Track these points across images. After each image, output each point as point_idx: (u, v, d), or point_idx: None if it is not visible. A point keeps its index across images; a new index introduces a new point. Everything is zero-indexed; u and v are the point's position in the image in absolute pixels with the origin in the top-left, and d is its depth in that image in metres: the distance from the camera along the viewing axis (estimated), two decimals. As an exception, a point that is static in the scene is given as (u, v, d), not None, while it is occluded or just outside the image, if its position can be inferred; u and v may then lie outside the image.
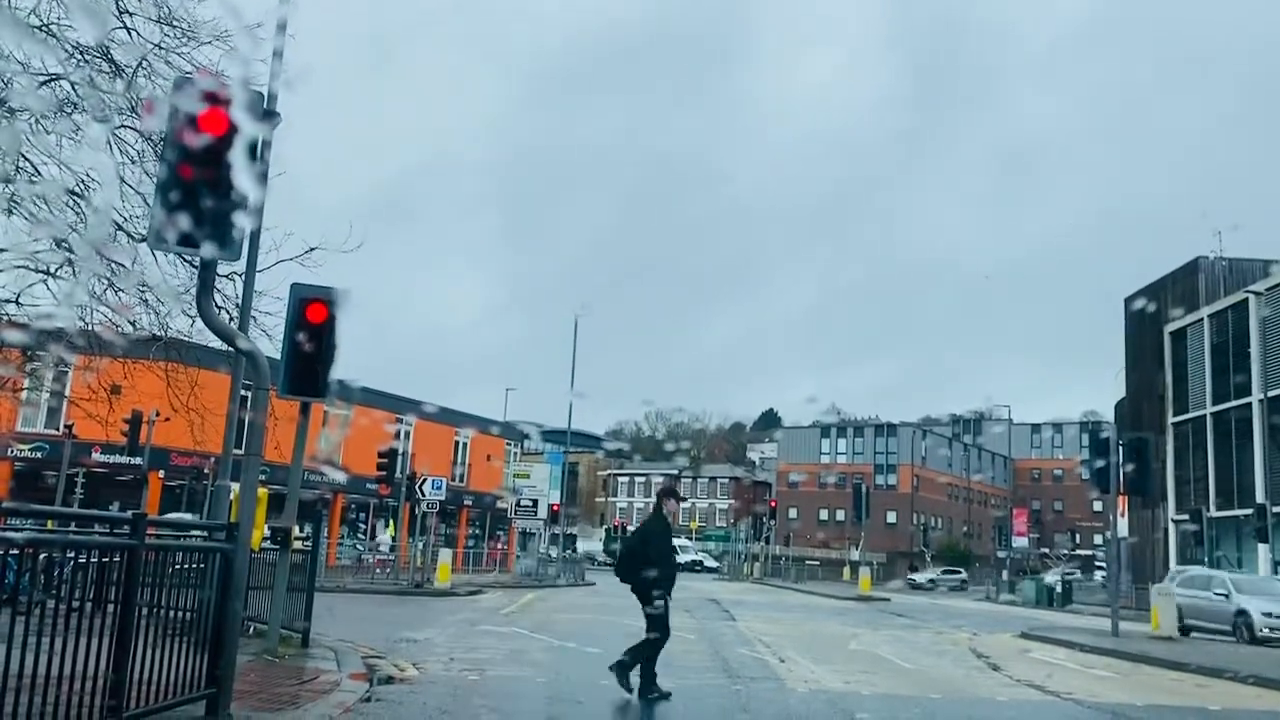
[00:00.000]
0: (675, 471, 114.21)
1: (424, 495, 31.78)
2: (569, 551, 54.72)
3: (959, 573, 68.38)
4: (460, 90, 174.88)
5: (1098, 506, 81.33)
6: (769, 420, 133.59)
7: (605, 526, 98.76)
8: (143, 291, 11.60)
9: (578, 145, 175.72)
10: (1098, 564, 59.52)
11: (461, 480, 49.68)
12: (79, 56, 10.57)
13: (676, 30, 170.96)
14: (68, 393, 18.49)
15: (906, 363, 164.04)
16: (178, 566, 7.07)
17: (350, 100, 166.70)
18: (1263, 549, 30.25)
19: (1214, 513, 35.77)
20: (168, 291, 11.48)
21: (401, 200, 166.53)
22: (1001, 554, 64.21)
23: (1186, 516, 37.59)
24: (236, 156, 6.20)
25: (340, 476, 34.29)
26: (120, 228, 11.17)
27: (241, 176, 6.21)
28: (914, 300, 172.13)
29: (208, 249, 6.33)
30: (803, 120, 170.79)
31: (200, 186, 6.16)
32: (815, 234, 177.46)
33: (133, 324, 11.85)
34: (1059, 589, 42.35)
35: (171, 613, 6.78)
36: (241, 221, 6.32)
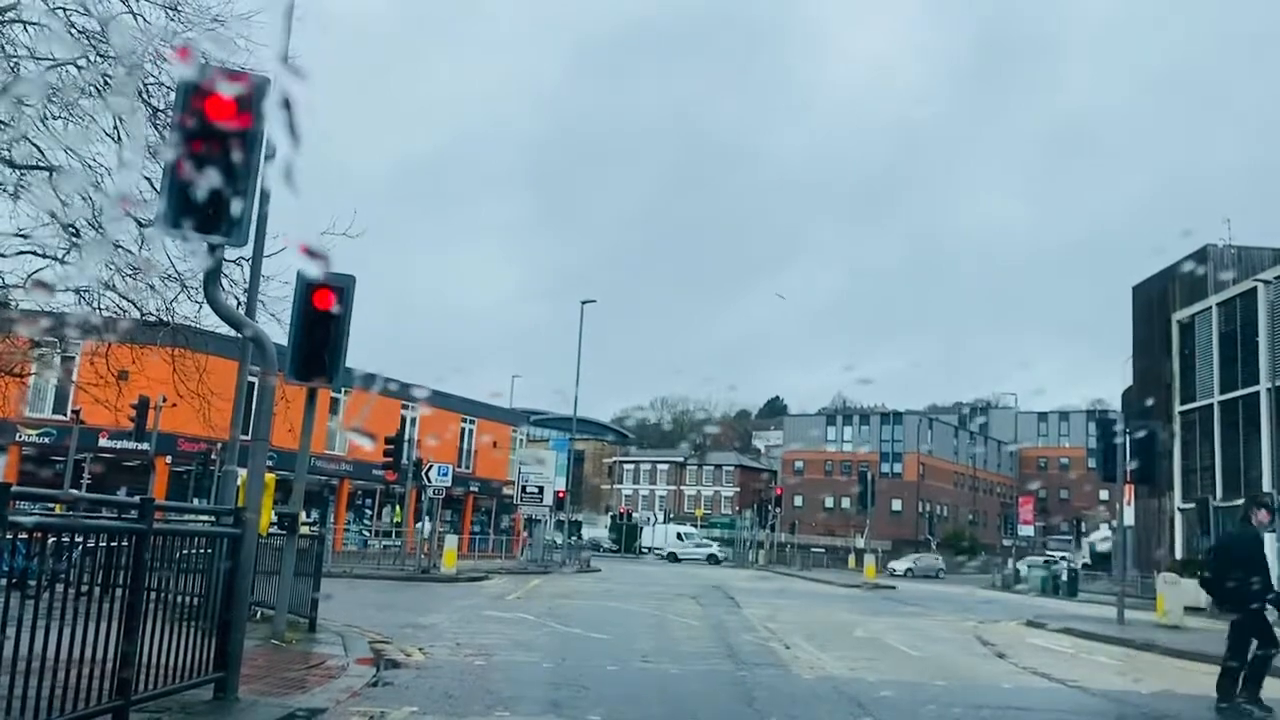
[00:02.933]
0: (680, 459, 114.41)
1: (430, 481, 31.86)
2: (575, 538, 54.82)
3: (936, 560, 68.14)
4: (501, 67, 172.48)
5: (1105, 495, 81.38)
6: (775, 408, 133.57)
7: (611, 513, 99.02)
8: (149, 277, 11.61)
9: (615, 125, 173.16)
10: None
11: (467, 466, 49.80)
12: (86, 41, 10.56)
13: (725, 6, 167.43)
14: (75, 378, 18.55)
15: (915, 351, 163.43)
16: (185, 551, 7.09)
17: (389, 74, 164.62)
18: (1270, 538, 30.19)
19: (1220, 501, 35.69)
20: (174, 276, 11.49)
21: (431, 177, 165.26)
22: (1007, 542, 64.25)
23: (1193, 505, 37.54)
24: (244, 141, 6.19)
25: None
26: (128, 213, 11.17)
27: (249, 161, 6.20)
28: (927, 288, 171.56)
29: (215, 235, 6.33)
30: (844, 101, 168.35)
31: (208, 172, 6.15)
32: (839, 219, 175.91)
33: (140, 309, 11.86)
34: (1065, 578, 42.32)
35: (179, 597, 6.80)
36: (248, 207, 6.32)
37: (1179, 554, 38.57)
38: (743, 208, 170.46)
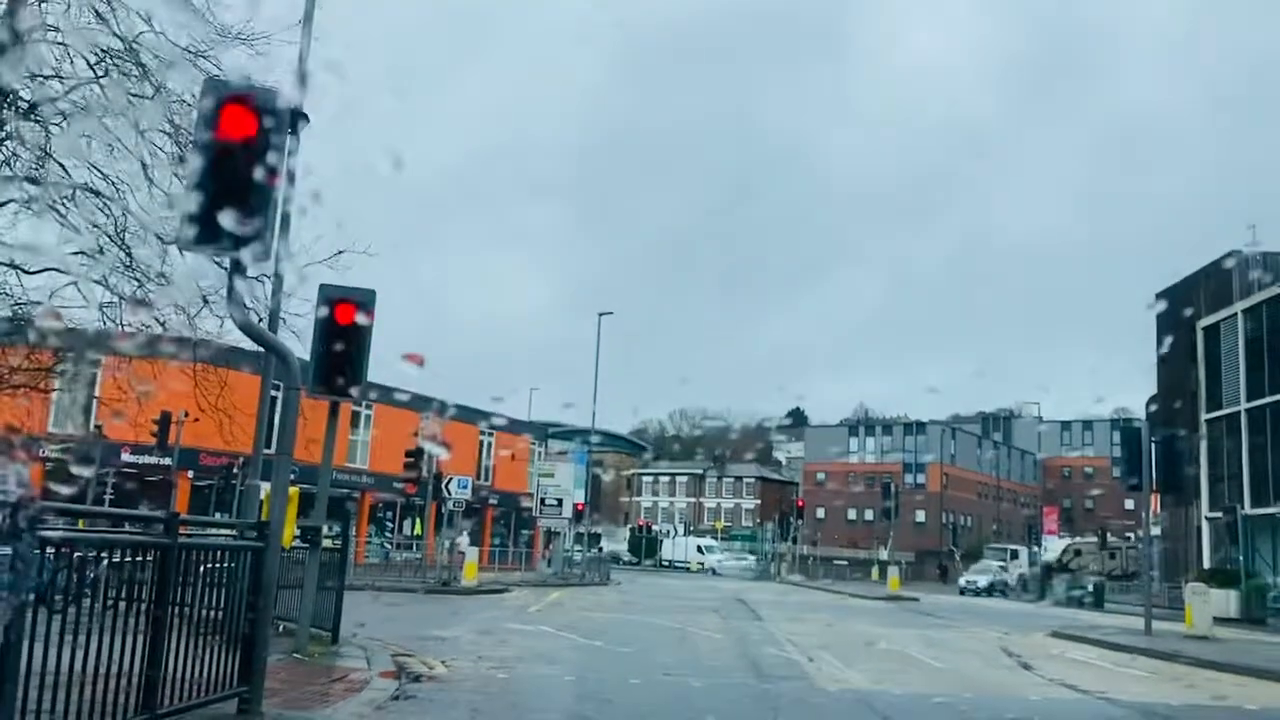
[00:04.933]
0: (700, 471, 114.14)
1: (449, 494, 31.92)
2: (594, 550, 54.74)
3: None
4: (541, 71, 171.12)
5: (1129, 504, 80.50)
6: (796, 419, 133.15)
7: (630, 526, 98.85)
8: (172, 293, 11.69)
9: (655, 132, 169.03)
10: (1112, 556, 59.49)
11: (486, 479, 49.85)
12: (108, 60, 10.68)
13: (770, 6, 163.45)
14: (97, 393, 18.68)
15: (943, 361, 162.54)
16: (210, 565, 7.11)
17: (427, 80, 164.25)
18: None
19: (1249, 510, 35.30)
20: (197, 292, 11.55)
21: (462, 187, 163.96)
22: (1035, 551, 63.84)
23: (1220, 514, 37.12)
24: (265, 158, 6.22)
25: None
26: (150, 230, 11.26)
27: (270, 177, 6.24)
28: (961, 296, 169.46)
29: (236, 249, 6.36)
30: (890, 104, 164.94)
31: (229, 188, 6.19)
32: (878, 226, 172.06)
33: (162, 325, 11.94)
34: (1091, 588, 41.99)
35: (204, 611, 6.82)
36: (270, 224, 6.34)
37: (1207, 564, 38.12)
38: (782, 215, 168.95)
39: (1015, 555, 63.04)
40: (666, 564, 77.07)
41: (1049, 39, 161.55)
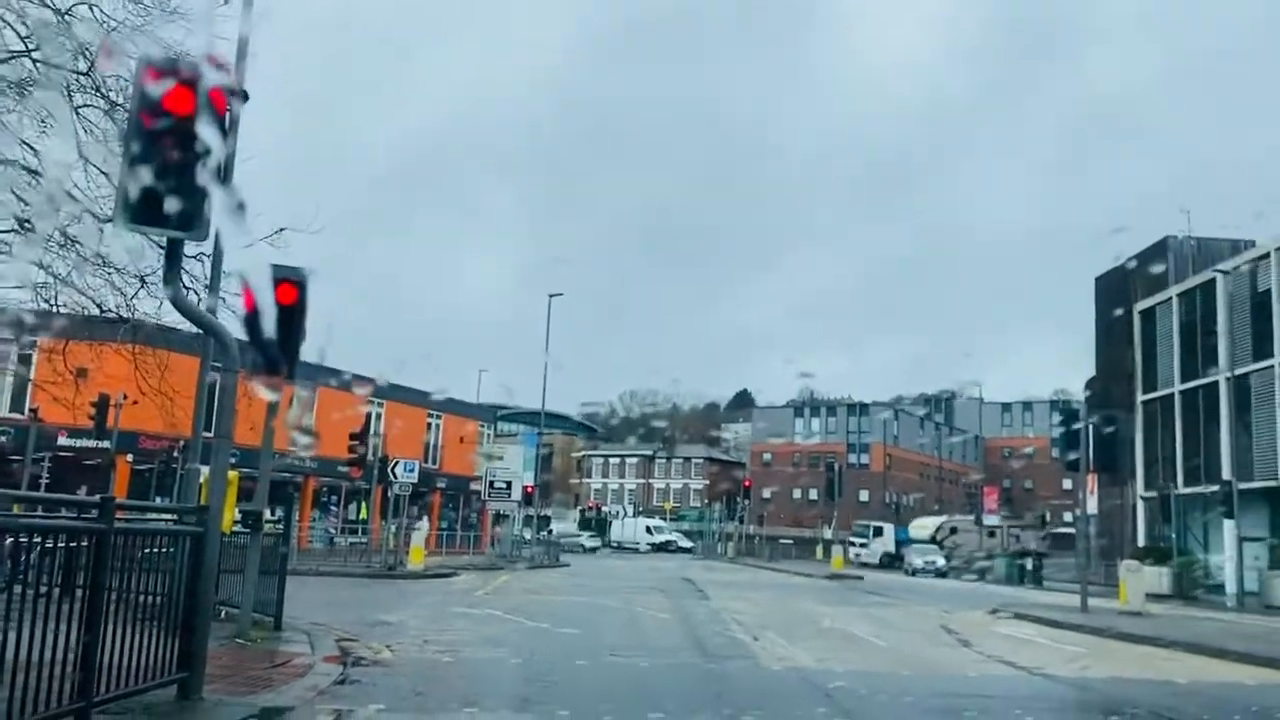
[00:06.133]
0: (649, 453, 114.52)
1: (396, 478, 31.66)
2: (544, 533, 54.73)
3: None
4: (496, 49, 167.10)
5: (1067, 484, 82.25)
6: (743, 400, 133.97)
7: (580, 508, 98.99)
8: (108, 273, 11.44)
9: (614, 111, 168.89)
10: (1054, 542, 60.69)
11: (434, 462, 49.54)
12: (41, 34, 10.38)
13: None
14: (33, 376, 18.24)
15: (885, 343, 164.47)
16: (148, 550, 7.00)
17: (380, 56, 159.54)
18: (1228, 525, 30.70)
19: (1182, 489, 36.28)
20: (134, 272, 11.33)
21: (414, 165, 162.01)
22: (898, 529, 65.61)
23: (1154, 493, 38.11)
24: (203, 135, 6.10)
25: (309, 444, 33.85)
26: (86, 209, 11.00)
27: (209, 155, 6.12)
28: (915, 280, 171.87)
29: (175, 229, 6.24)
30: (851, 87, 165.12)
31: (166, 165, 6.06)
32: (837, 210, 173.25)
33: (99, 305, 11.69)
34: (1030, 566, 42.90)
35: (142, 597, 6.72)
36: (209, 200, 6.23)
37: (1141, 542, 39.13)
38: (739, 197, 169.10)
39: (879, 532, 64.33)
40: (616, 545, 77.35)
41: (1014, 21, 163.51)
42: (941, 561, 51.64)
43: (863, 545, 60.99)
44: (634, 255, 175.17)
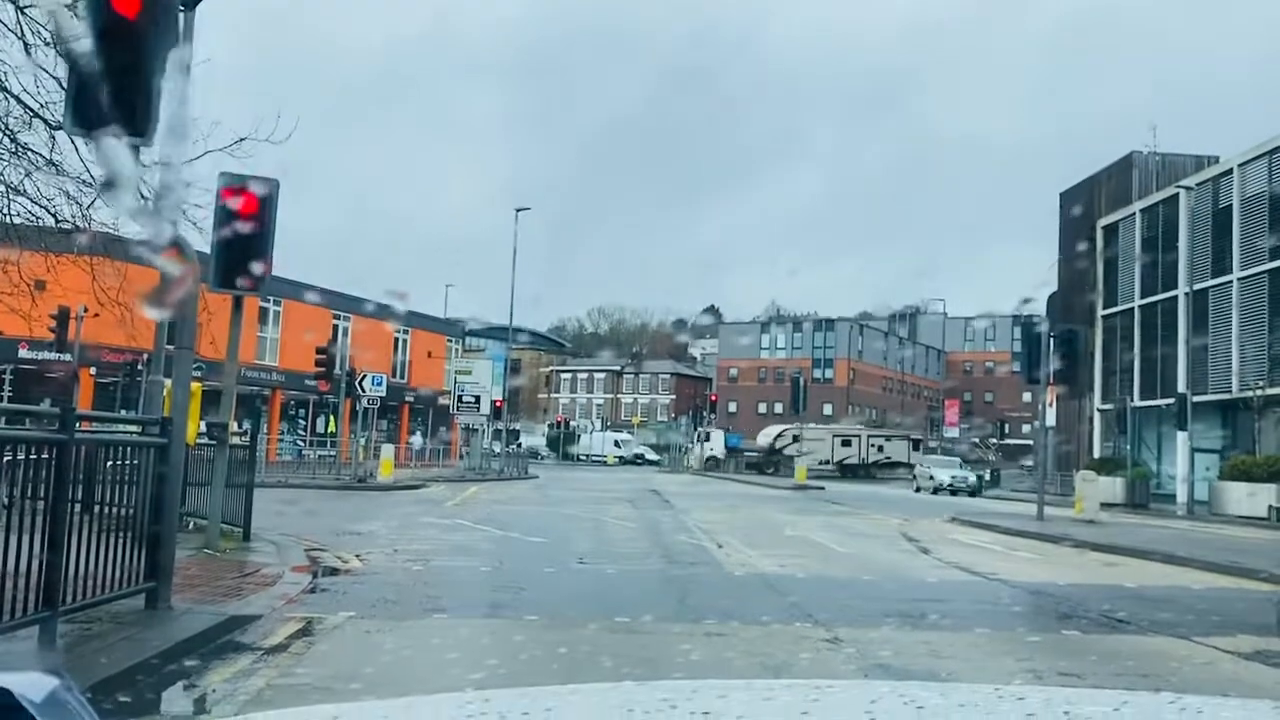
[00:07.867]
0: (618, 368, 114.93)
1: (364, 391, 31.62)
2: (513, 446, 55.07)
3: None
4: None
5: (1027, 397, 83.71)
6: (713, 316, 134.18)
7: (548, 422, 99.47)
8: (62, 182, 11.15)
9: (590, 19, 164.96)
10: (1023, 461, 61.61)
11: (402, 376, 49.47)
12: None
13: None
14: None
15: (852, 258, 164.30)
16: (114, 463, 6.98)
17: None
18: (1181, 436, 31.47)
19: (1137, 402, 37.05)
20: (90, 181, 11.04)
21: (383, 71, 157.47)
22: (934, 444, 66.16)
23: (1111, 406, 38.91)
24: (153, 37, 5.90)
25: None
26: (35, 114, 10.66)
27: (160, 58, 5.93)
28: (890, 195, 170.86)
29: (126, 134, 6.07)
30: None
31: (118, 69, 5.87)
32: (821, 123, 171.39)
33: (54, 215, 11.42)
34: (988, 476, 43.78)
35: (109, 509, 6.72)
36: (160, 105, 6.05)
37: (1097, 453, 40.06)
38: (718, 109, 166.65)
39: (707, 438, 65.03)
40: (584, 458, 78.12)
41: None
42: (973, 479, 43.01)
43: (696, 449, 60.74)
44: (606, 170, 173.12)
